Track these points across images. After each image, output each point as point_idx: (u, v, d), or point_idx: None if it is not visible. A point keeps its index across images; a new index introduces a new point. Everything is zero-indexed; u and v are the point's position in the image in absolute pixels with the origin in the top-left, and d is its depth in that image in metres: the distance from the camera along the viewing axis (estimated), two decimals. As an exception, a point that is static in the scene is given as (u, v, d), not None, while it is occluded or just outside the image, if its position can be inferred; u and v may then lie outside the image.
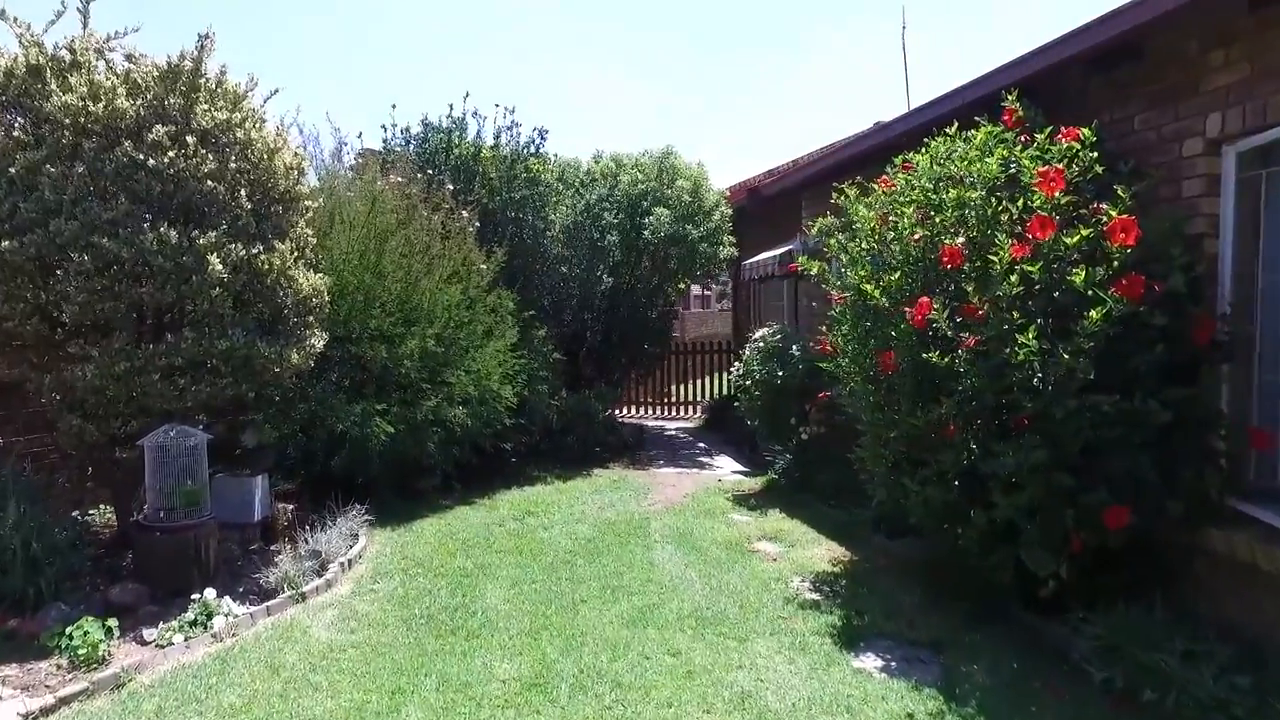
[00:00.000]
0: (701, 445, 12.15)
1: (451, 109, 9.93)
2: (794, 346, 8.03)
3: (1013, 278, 3.83)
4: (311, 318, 5.64)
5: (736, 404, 8.78)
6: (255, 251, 4.85)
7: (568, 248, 10.19)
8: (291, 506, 6.51)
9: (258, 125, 5.06)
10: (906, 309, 4.40)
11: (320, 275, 5.69)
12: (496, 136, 9.89)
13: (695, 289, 22.62)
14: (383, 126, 9.85)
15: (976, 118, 4.72)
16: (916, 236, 4.40)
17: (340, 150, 7.36)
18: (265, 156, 5.04)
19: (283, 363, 5.11)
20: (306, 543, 5.54)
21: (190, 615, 4.43)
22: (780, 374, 8.00)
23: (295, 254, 5.38)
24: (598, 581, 5.34)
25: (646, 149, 12.35)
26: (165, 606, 4.59)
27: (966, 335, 3.98)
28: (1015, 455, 3.90)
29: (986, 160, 4.24)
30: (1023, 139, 4.47)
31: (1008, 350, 3.85)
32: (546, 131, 10.07)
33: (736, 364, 8.80)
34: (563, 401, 10.04)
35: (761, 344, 8.29)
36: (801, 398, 8.16)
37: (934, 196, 4.51)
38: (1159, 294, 3.80)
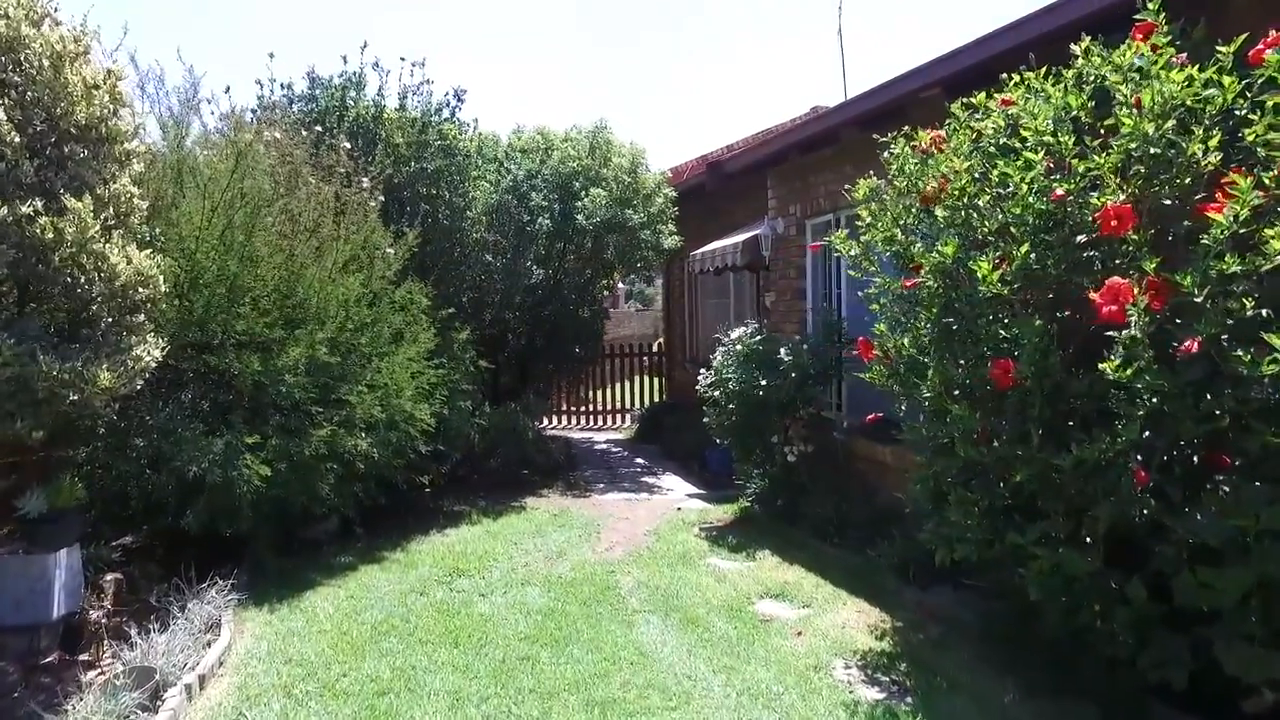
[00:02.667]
0: (641, 462, 10.66)
1: (346, 61, 8.07)
2: (782, 349, 6.63)
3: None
4: (141, 317, 3.82)
5: (705, 420, 7.31)
6: (28, 211, 3.02)
7: (491, 232, 8.47)
8: (121, 578, 4.63)
9: (33, 19, 3.22)
10: (1029, 296, 3.05)
11: (151, 254, 3.85)
12: (403, 97, 8.07)
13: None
14: (258, 82, 7.90)
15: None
16: (1059, 193, 3.03)
17: (195, 95, 5.47)
18: (50, 65, 3.21)
19: (86, 384, 3.28)
20: (135, 646, 3.71)
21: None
22: (763, 383, 6.59)
23: (111, 221, 3.55)
24: (576, 694, 3.73)
25: (575, 124, 10.77)
26: None
27: (1185, 337, 2.62)
28: (1242, 511, 2.58)
29: (1181, 76, 2.84)
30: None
31: (1236, 356, 2.52)
32: (464, 92, 8.34)
33: (704, 371, 7.34)
34: (486, 418, 8.34)
35: (739, 346, 6.86)
36: (785, 412, 6.78)
37: (1062, 140, 3.15)
38: None
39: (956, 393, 3.58)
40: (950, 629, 4.51)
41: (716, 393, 7.16)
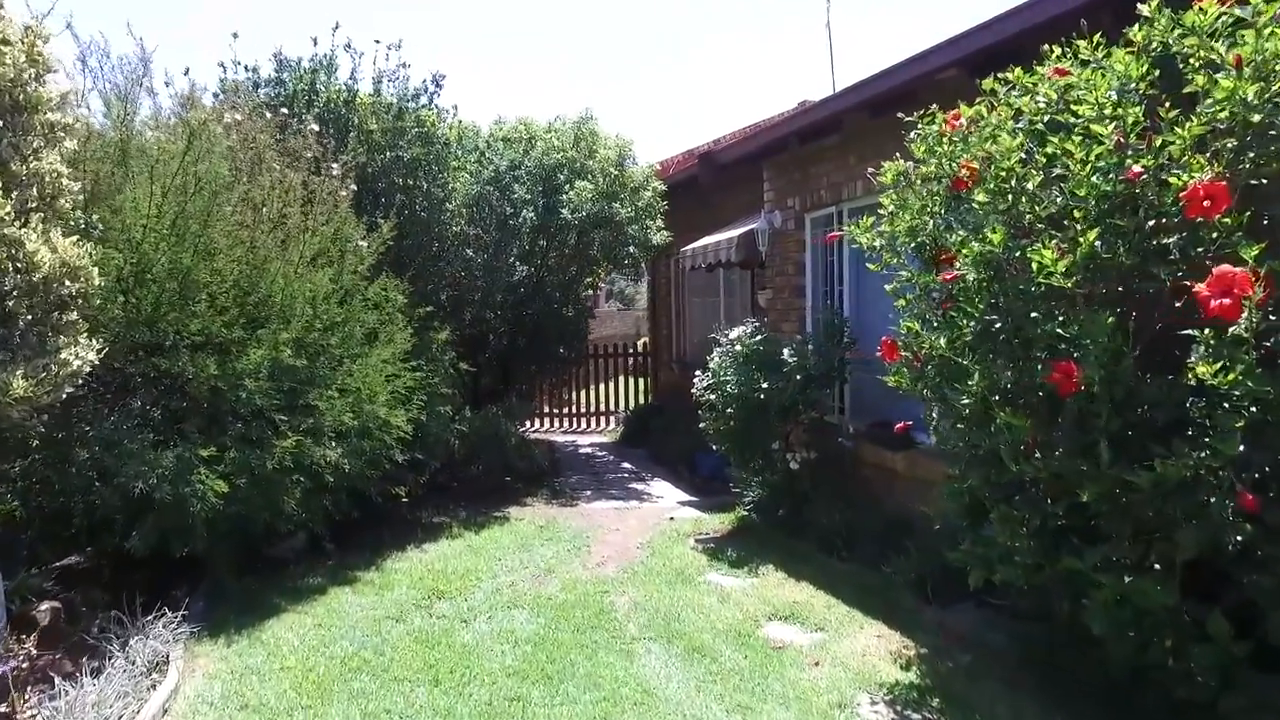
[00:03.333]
0: (628, 467, 10.22)
1: (316, 44, 7.55)
2: (785, 349, 6.21)
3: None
4: (73, 315, 3.32)
5: (701, 425, 6.88)
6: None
7: (472, 225, 7.98)
8: (59, 607, 4.12)
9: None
10: (1098, 290, 2.65)
11: (81, 242, 3.34)
12: (377, 81, 7.56)
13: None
14: (220, 65, 7.36)
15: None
16: (1136, 171, 2.62)
17: (146, 71, 4.93)
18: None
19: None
20: (63, 695, 3.22)
21: None
22: (764, 386, 6.17)
23: (32, 203, 3.05)
24: (575, 740, 3.29)
25: (559, 115, 10.30)
26: None
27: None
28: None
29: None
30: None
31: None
32: (443, 77, 7.83)
33: (700, 374, 6.91)
34: (467, 423, 7.86)
35: (738, 347, 6.44)
36: (786, 416, 6.37)
37: (1130, 112, 2.76)
38: None
39: (998, 398, 3.18)
40: (981, 655, 4.11)
41: (713, 396, 6.74)
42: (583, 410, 13.85)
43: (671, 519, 7.29)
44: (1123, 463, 2.69)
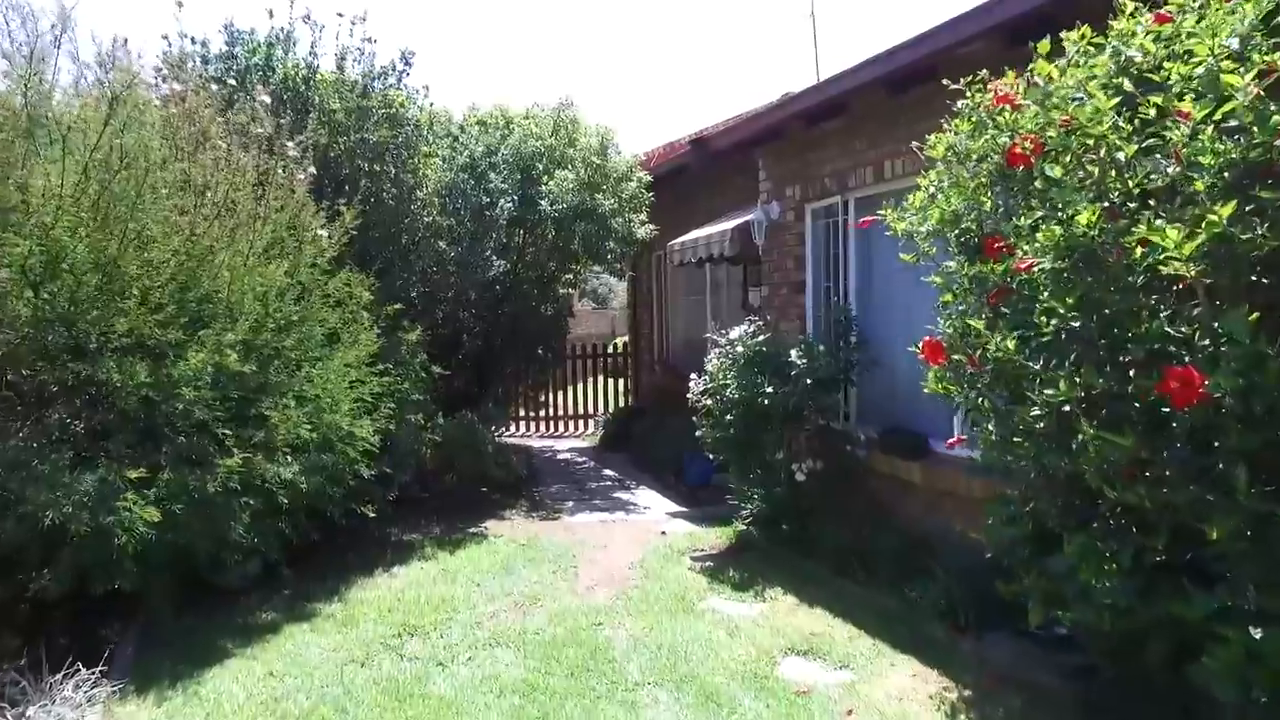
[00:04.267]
0: (610, 474, 9.65)
1: (273, 15, 6.86)
2: (792, 350, 5.67)
3: None
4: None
5: (698, 434, 6.32)
6: None
7: (445, 216, 7.35)
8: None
9: None
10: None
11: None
12: (340, 57, 6.89)
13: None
14: (164, 37, 6.64)
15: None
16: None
17: (64, 31, 4.24)
18: None
19: None
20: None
21: None
22: (768, 390, 5.63)
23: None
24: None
25: (536, 102, 9.70)
26: None
27: None
28: None
29: None
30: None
31: None
32: (413, 54, 7.19)
33: (695, 377, 6.36)
34: (440, 431, 7.24)
35: (739, 348, 5.89)
36: (792, 423, 5.84)
37: (1261, 59, 2.25)
38: None
39: (1083, 410, 2.66)
40: (1033, 698, 3.60)
41: (710, 401, 6.19)
42: (560, 413, 13.25)
43: (663, 533, 6.74)
44: (1264, 493, 2.18)
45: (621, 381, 13.49)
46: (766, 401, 5.66)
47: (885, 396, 6.11)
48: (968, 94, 3.37)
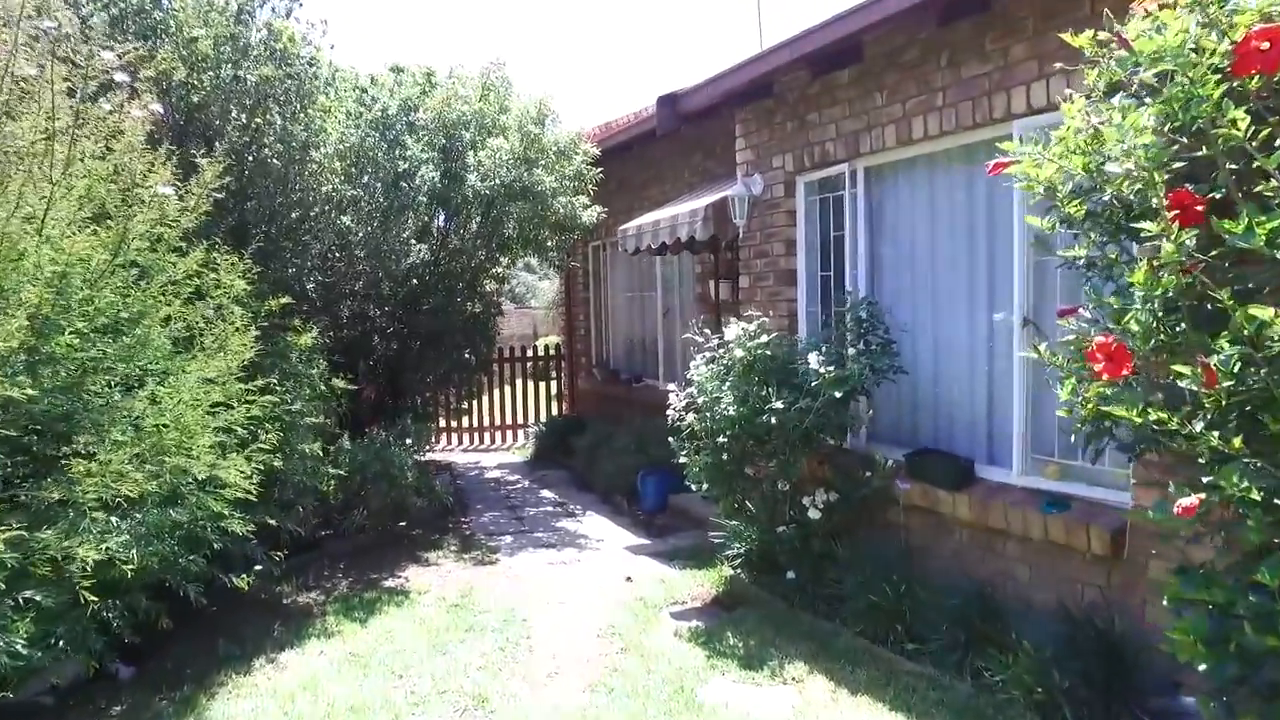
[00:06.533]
0: (550, 496, 8.31)
1: (110, -81, 5.19)
2: (811, 355, 4.42)
3: None
4: None
5: (682, 459, 5.01)
6: None
7: (350, 184, 5.82)
8: None
9: None
10: None
11: None
12: (207, -23, 5.29)
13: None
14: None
15: None
16: None
17: None
18: None
19: None
20: None
21: None
22: (776, 405, 4.38)
23: None
24: None
25: (461, 63, 8.23)
26: None
27: None
28: None
29: None
30: None
31: None
32: (304, -21, 5.64)
33: (674, 388, 5.06)
34: (346, 457, 5.73)
35: (737, 351, 4.61)
36: (804, 446, 4.61)
37: None
38: None
39: None
40: None
41: (692, 417, 4.92)
42: (486, 423, 11.77)
43: (629, 579, 5.46)
44: None
45: (553, 386, 12.11)
46: (773, 419, 4.41)
47: (908, 409, 4.97)
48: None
